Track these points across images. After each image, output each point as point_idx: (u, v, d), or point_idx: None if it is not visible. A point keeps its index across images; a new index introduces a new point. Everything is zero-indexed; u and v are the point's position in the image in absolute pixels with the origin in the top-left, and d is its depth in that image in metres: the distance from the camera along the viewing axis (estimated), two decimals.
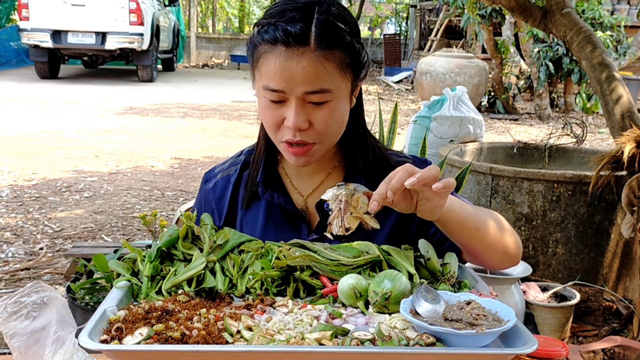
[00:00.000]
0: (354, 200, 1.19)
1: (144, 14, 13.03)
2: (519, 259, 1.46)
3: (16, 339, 1.17)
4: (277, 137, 1.37)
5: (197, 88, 13.82)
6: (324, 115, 1.33)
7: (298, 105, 1.30)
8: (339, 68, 1.32)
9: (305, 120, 1.31)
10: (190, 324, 1.01)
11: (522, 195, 3.48)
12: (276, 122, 1.34)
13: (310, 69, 1.28)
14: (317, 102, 1.31)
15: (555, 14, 3.90)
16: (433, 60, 11.16)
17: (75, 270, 3.27)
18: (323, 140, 1.36)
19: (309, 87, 1.29)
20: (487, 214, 1.39)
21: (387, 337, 0.99)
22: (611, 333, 3.09)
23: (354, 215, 1.18)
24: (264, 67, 1.31)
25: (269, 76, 1.30)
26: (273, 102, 1.33)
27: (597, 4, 10.69)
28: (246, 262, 1.25)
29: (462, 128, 4.81)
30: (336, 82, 1.32)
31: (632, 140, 3.02)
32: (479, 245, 1.35)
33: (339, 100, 1.34)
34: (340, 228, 1.18)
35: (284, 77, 1.28)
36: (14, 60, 15.87)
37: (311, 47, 1.28)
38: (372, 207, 1.16)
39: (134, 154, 7.24)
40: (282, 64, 1.27)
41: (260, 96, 1.36)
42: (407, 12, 22.40)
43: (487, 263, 1.42)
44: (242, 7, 26.39)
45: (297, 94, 1.29)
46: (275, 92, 1.30)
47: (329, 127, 1.34)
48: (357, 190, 1.20)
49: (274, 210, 1.48)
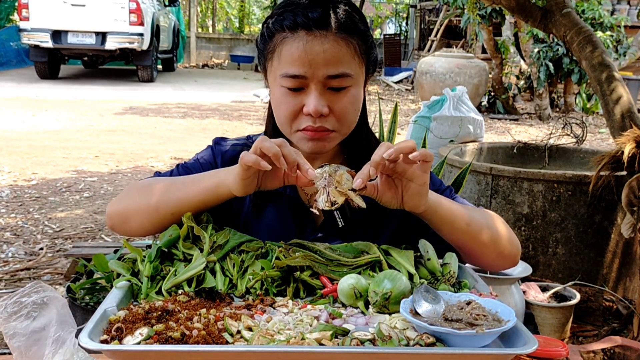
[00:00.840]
0: (338, 176, 1.21)
1: (144, 14, 13.03)
2: (517, 260, 1.45)
3: (16, 339, 1.17)
4: (292, 127, 1.36)
5: (197, 88, 13.82)
6: (343, 102, 1.33)
7: (319, 90, 1.31)
8: (357, 54, 1.34)
9: (326, 105, 1.31)
10: (190, 324, 1.01)
11: (522, 195, 3.48)
12: (294, 111, 1.33)
13: (333, 51, 1.29)
14: (337, 88, 1.32)
15: (555, 14, 3.90)
16: (433, 61, 11.17)
17: (75, 270, 3.27)
18: (341, 128, 1.36)
19: (331, 71, 1.30)
20: (480, 213, 1.39)
21: (387, 337, 0.99)
22: (611, 333, 3.09)
23: (338, 189, 1.20)
24: (284, 53, 1.31)
25: (289, 62, 1.30)
26: (291, 91, 1.32)
27: (597, 4, 10.69)
28: (246, 262, 1.25)
29: (462, 128, 4.81)
30: (355, 68, 1.33)
31: (632, 140, 3.02)
32: (471, 242, 1.34)
33: (357, 87, 1.36)
34: (325, 203, 1.19)
35: (306, 60, 1.28)
36: (14, 60, 15.87)
37: (332, 30, 1.30)
38: (357, 184, 1.18)
39: (134, 154, 7.24)
40: (305, 48, 1.28)
41: (275, 86, 1.36)
42: (407, 12, 22.40)
43: (481, 262, 1.41)
44: (242, 7, 26.38)
45: (318, 78, 1.30)
46: (296, 78, 1.30)
47: (348, 113, 1.35)
48: (340, 168, 1.23)
49: (281, 203, 1.46)
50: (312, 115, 1.31)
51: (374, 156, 1.18)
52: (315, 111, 1.30)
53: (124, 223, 1.40)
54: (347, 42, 1.31)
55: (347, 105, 1.34)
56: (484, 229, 1.35)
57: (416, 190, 1.22)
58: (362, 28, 1.35)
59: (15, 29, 14.42)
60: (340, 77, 1.31)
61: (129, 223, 1.39)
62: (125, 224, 1.40)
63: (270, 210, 1.46)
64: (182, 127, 9.15)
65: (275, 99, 1.37)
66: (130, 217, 1.39)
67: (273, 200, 1.46)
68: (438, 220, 1.30)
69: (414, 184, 1.22)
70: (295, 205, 1.45)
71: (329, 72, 1.30)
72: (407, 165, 1.19)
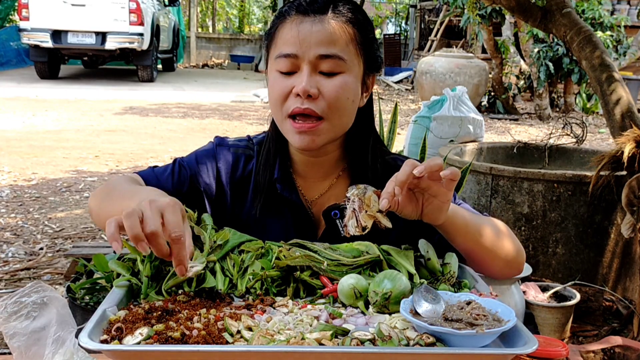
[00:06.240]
0: (367, 199, 1.19)
1: (144, 14, 13.02)
2: (522, 268, 1.44)
3: (16, 339, 1.17)
4: (283, 110, 1.34)
5: (197, 88, 13.81)
6: (334, 86, 1.31)
7: (309, 69, 1.30)
8: (353, 42, 1.33)
9: (315, 87, 1.30)
10: (190, 324, 1.01)
11: (522, 195, 3.48)
12: (284, 93, 1.32)
13: (326, 32, 1.30)
14: (329, 73, 1.31)
15: (555, 14, 3.90)
16: (433, 60, 11.17)
17: (75, 270, 3.27)
18: (331, 116, 1.32)
19: (322, 50, 1.29)
20: (488, 221, 1.38)
21: (387, 337, 0.99)
22: (611, 333, 3.09)
23: (368, 213, 1.18)
24: (279, 36, 1.33)
25: (283, 42, 1.32)
26: (283, 74, 1.32)
27: (597, 4, 10.69)
28: (246, 262, 1.25)
29: (462, 128, 4.81)
30: (349, 55, 1.32)
31: (632, 140, 3.02)
32: (482, 252, 1.34)
33: (350, 75, 1.34)
34: (356, 228, 1.17)
35: (298, 39, 1.29)
36: (14, 60, 15.86)
37: (328, 15, 1.31)
38: (383, 205, 1.15)
39: (134, 154, 7.24)
40: (298, 27, 1.30)
41: (271, 72, 1.36)
42: (407, 12, 22.40)
43: (489, 271, 1.40)
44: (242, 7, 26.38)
45: (309, 57, 1.29)
46: (288, 57, 1.30)
47: (338, 100, 1.32)
48: (368, 189, 1.20)
49: (284, 209, 1.45)
50: (301, 95, 1.29)
51: (401, 175, 1.14)
52: (303, 90, 1.28)
53: (97, 222, 1.42)
54: (341, 26, 1.31)
55: (338, 90, 1.31)
56: (495, 239, 1.34)
57: (438, 206, 1.21)
58: (360, 18, 1.36)
59: (15, 29, 14.42)
60: (332, 58, 1.30)
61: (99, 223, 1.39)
62: (98, 223, 1.42)
63: (273, 218, 1.45)
64: (182, 127, 9.14)
65: (270, 85, 1.36)
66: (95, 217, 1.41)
67: (276, 207, 1.45)
68: (453, 231, 1.29)
69: (437, 200, 1.20)
70: (298, 211, 1.44)
71: (320, 51, 1.29)
72: (433, 182, 1.17)
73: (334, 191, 1.46)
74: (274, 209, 1.45)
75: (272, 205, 1.45)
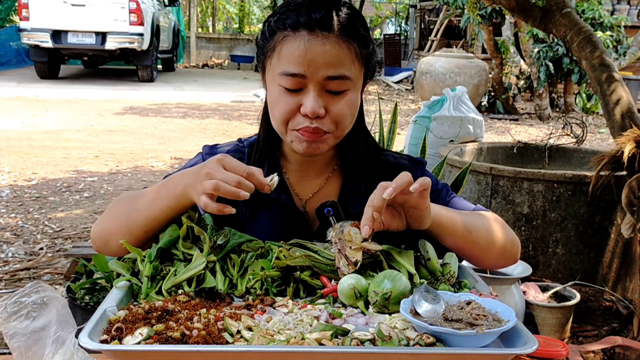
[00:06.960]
0: (347, 235, 1.20)
1: (144, 14, 13.02)
2: (518, 257, 1.46)
3: (16, 339, 1.17)
4: (288, 127, 1.35)
5: (197, 88, 13.81)
6: (341, 105, 1.33)
7: (317, 90, 1.30)
8: (357, 58, 1.33)
9: (322, 107, 1.31)
10: (190, 324, 1.01)
11: (522, 195, 3.48)
12: (290, 110, 1.32)
13: (334, 53, 1.29)
14: (335, 92, 1.32)
15: (555, 14, 3.90)
16: (433, 61, 11.17)
17: (75, 270, 3.26)
18: (336, 131, 1.35)
19: (331, 72, 1.29)
20: (477, 216, 1.40)
21: (387, 337, 0.99)
22: (611, 333, 3.09)
23: (353, 248, 1.19)
24: (284, 51, 1.31)
25: (289, 60, 1.29)
26: (288, 90, 1.31)
27: (597, 4, 10.69)
28: (246, 262, 1.25)
29: (462, 128, 4.81)
30: (354, 72, 1.33)
31: (632, 140, 3.02)
32: (473, 248, 1.36)
33: (354, 92, 1.35)
34: (348, 267, 1.18)
35: (306, 60, 1.28)
36: (14, 60, 15.86)
37: (334, 32, 1.30)
38: (365, 232, 1.18)
39: (134, 154, 7.24)
40: (306, 47, 1.28)
41: (273, 85, 1.35)
42: (407, 12, 22.39)
43: (483, 263, 1.43)
44: (242, 7, 26.37)
45: (317, 78, 1.29)
46: (295, 76, 1.29)
47: (344, 117, 1.34)
48: (344, 225, 1.22)
49: (275, 210, 1.46)
50: (309, 116, 1.30)
51: (375, 201, 1.18)
52: (312, 112, 1.30)
53: (106, 245, 1.39)
54: (348, 45, 1.31)
55: (344, 109, 1.33)
56: (484, 233, 1.36)
57: (419, 214, 1.24)
58: (363, 33, 1.35)
59: (15, 29, 14.42)
60: (339, 79, 1.31)
61: (109, 245, 1.38)
62: (106, 246, 1.39)
63: (264, 218, 1.45)
64: (182, 127, 9.15)
65: (272, 97, 1.36)
66: (109, 239, 1.38)
67: (267, 208, 1.45)
68: (442, 232, 1.31)
69: (417, 210, 1.24)
70: (290, 211, 1.45)
71: (328, 73, 1.29)
72: (407, 196, 1.20)
73: (327, 188, 1.49)
74: (266, 209, 1.46)
75: (264, 206, 1.45)
